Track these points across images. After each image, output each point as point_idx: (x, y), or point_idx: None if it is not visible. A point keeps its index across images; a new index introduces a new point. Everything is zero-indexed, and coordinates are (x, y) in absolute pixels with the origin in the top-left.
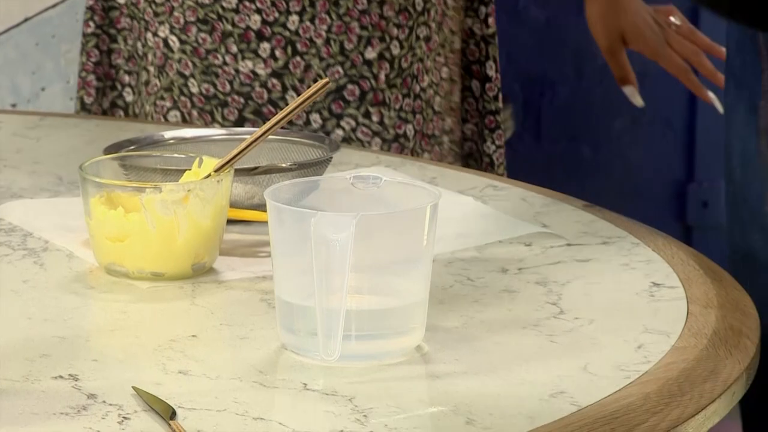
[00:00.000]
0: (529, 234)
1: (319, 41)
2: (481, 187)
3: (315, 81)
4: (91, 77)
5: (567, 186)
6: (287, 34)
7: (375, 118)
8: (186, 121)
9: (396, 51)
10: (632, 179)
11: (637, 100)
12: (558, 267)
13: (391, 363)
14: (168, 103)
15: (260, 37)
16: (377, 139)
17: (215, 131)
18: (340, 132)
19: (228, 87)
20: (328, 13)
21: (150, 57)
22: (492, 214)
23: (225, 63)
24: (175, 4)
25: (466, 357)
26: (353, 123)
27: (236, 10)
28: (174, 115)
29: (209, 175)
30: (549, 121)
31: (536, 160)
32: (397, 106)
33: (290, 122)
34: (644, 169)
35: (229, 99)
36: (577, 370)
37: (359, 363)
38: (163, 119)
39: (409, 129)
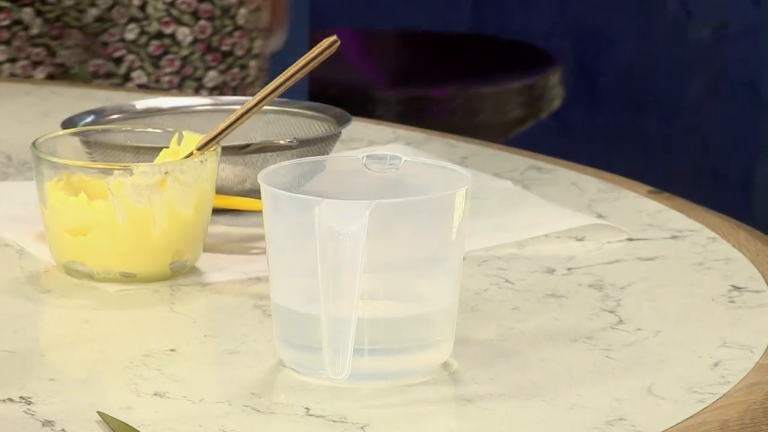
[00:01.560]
0: (581, 226)
1: None
2: (522, 169)
3: None
4: None
5: (628, 167)
6: None
7: None
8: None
9: None
10: (709, 159)
11: None
12: (616, 267)
13: (412, 383)
14: None
15: None
16: None
17: (198, 100)
18: None
19: None
20: None
21: None
22: (536, 203)
23: None
24: None
25: (504, 376)
26: None
27: None
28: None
29: (191, 154)
30: (607, 88)
31: (591, 136)
32: None
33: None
34: (723, 147)
35: None
36: (640, 392)
37: (373, 383)
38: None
39: None
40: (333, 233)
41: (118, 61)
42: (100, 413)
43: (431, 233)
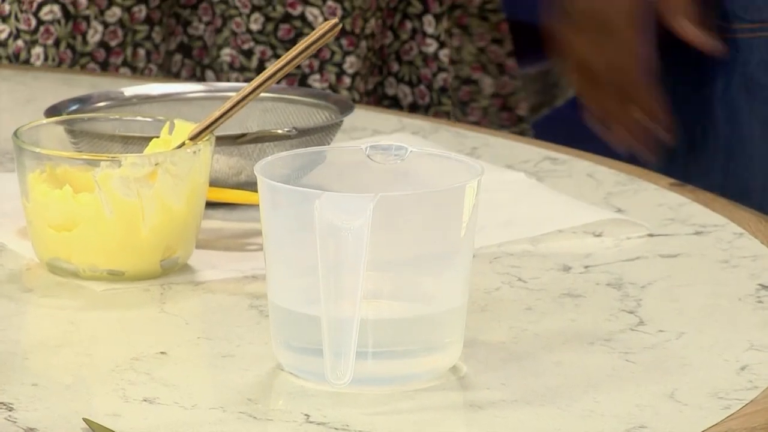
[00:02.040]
0: (598, 221)
1: None
2: (536, 160)
3: None
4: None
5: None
6: None
7: None
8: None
9: None
10: (744, 148)
11: None
12: (636, 264)
13: (418, 389)
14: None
15: None
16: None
17: (191, 87)
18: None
19: None
20: None
21: None
22: (550, 196)
23: None
24: None
25: (516, 381)
26: None
27: None
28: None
29: (183, 144)
30: None
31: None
32: None
33: (288, 76)
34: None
35: None
36: (662, 398)
37: (377, 388)
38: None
39: None
40: (334, 228)
41: (249, 53)
42: (85, 420)
43: (439, 228)
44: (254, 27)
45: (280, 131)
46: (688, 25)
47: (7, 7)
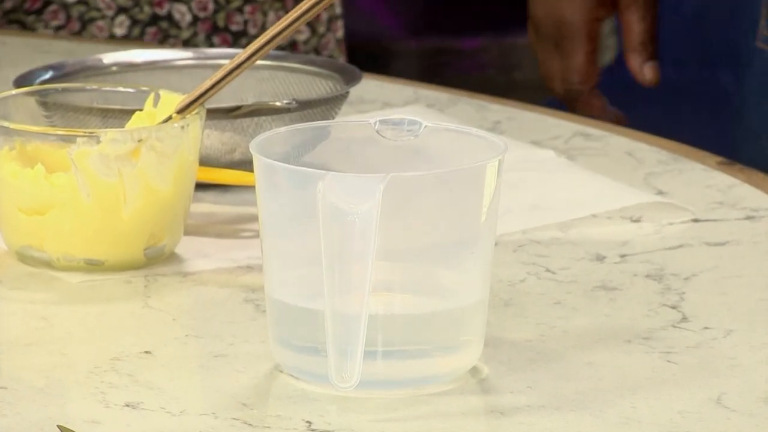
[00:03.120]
0: (637, 205)
1: None
2: (567, 136)
3: None
4: None
5: (695, 134)
6: None
7: None
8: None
9: None
10: None
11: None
12: (680, 253)
13: (434, 392)
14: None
15: None
16: None
17: (178, 53)
18: None
19: None
20: None
21: None
22: (583, 177)
23: None
24: None
25: (544, 384)
26: None
27: None
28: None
29: (169, 118)
30: (670, 36)
31: (650, 95)
32: None
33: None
34: None
35: None
36: (708, 403)
37: (388, 392)
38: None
39: None
40: (340, 213)
41: None
42: (60, 428)
43: (457, 213)
44: (119, 31)
45: (278, 103)
46: (635, 62)
47: None
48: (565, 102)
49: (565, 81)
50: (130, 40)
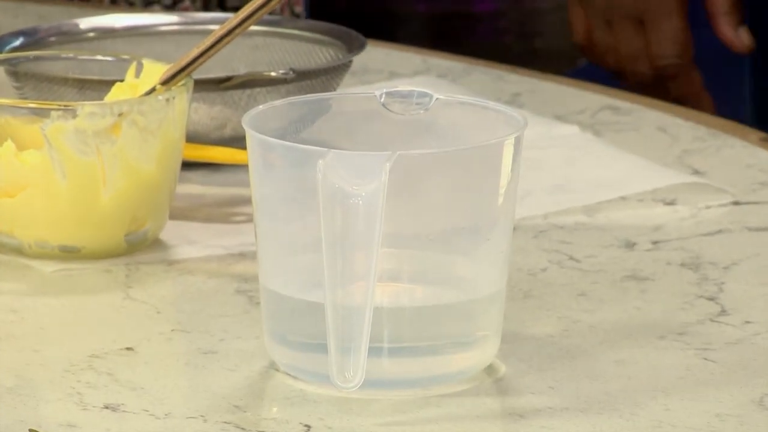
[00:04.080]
0: (670, 186)
1: None
2: (594, 110)
3: None
4: None
5: (735, 107)
6: None
7: None
8: None
9: None
10: None
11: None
12: (718, 240)
13: (446, 393)
14: None
15: None
16: None
17: (163, 18)
18: None
19: None
20: None
21: None
22: (610, 155)
23: None
24: None
25: (568, 384)
26: None
27: None
28: None
29: (153, 90)
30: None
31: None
32: None
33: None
34: None
35: None
36: (749, 405)
37: (394, 393)
38: None
39: None
40: (342, 195)
41: None
42: (32, 431)
43: (472, 195)
44: None
45: (273, 74)
46: (727, 27)
47: None
48: (655, 88)
49: (657, 57)
50: (110, 3)
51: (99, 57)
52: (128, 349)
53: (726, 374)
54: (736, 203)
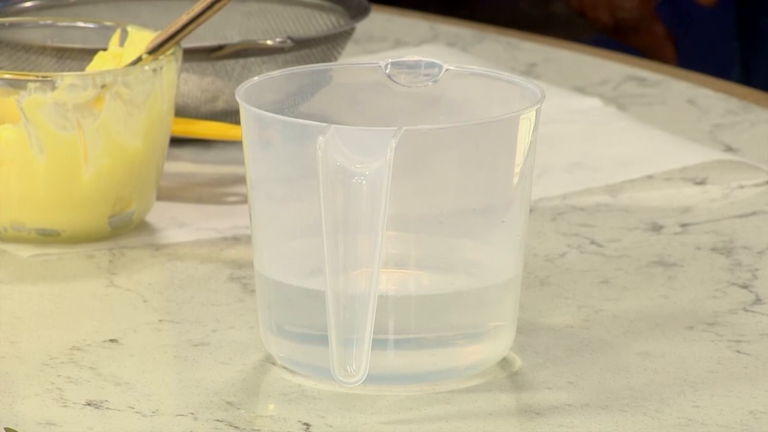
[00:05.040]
0: (701, 164)
1: None
2: (616, 81)
3: None
4: None
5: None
6: None
7: None
8: None
9: None
10: None
11: None
12: (752, 222)
13: (456, 389)
14: None
15: None
16: None
17: None
18: None
19: None
20: None
21: None
22: (635, 130)
23: None
24: None
25: (588, 379)
26: None
27: None
28: None
29: (139, 60)
30: None
31: (719, 30)
32: None
33: None
34: None
35: None
36: None
37: (401, 388)
38: None
39: None
40: (344, 174)
41: None
42: (8, 430)
43: (484, 174)
44: None
45: (269, 42)
46: None
47: None
48: (616, 35)
49: (617, 8)
50: None
51: (80, 24)
52: (112, 340)
53: (760, 368)
54: None
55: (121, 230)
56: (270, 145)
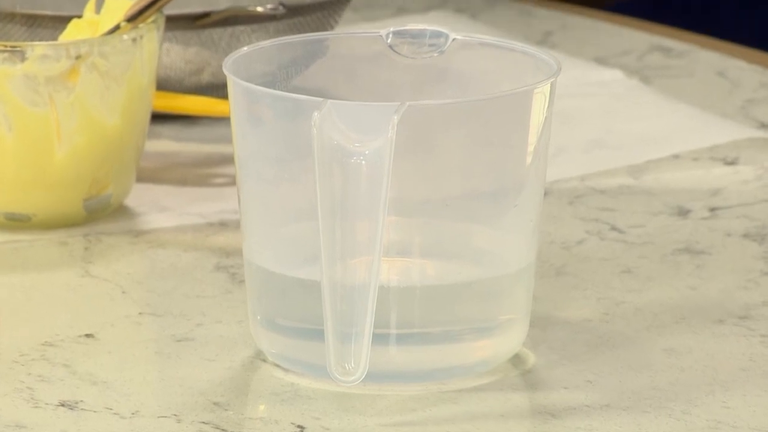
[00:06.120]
0: (731, 142)
1: None
2: (640, 51)
3: None
4: None
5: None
6: None
7: None
8: None
9: None
10: None
11: None
12: None
13: (464, 388)
14: None
15: None
16: None
17: None
18: None
19: None
20: None
21: None
22: (660, 105)
23: None
24: None
25: (609, 377)
26: None
27: None
28: None
29: (117, 28)
30: None
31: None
32: None
33: None
34: None
35: None
36: None
37: (404, 387)
38: None
39: None
40: (342, 153)
41: None
42: None
43: (495, 154)
44: None
45: (259, 9)
46: None
47: None
48: None
49: None
50: None
51: None
52: (88, 335)
53: None
54: None
55: (97, 215)
56: (260, 121)
